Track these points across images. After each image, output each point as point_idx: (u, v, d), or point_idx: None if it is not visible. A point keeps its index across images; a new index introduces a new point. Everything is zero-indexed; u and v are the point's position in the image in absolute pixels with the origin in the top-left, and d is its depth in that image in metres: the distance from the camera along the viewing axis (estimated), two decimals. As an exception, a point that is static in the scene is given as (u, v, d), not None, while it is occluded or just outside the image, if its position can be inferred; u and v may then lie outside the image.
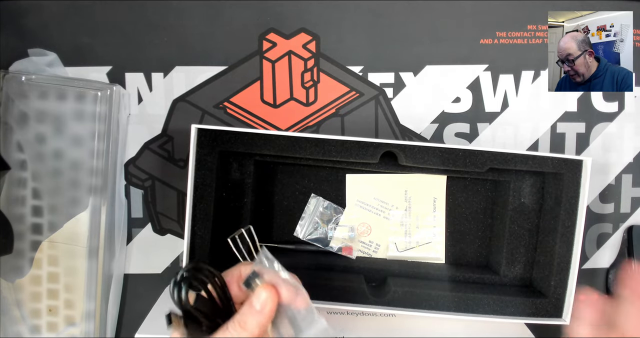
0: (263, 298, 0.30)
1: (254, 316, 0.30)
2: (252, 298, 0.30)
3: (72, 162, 0.46)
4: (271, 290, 0.30)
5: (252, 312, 0.30)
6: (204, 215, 0.43)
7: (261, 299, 0.30)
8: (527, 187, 0.48)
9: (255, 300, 0.30)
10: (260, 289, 0.30)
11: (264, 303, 0.30)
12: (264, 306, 0.30)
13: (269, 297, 0.30)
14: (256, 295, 0.30)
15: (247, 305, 0.30)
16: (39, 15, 0.49)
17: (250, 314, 0.30)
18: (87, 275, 0.46)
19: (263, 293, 0.30)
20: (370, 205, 0.50)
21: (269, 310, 0.30)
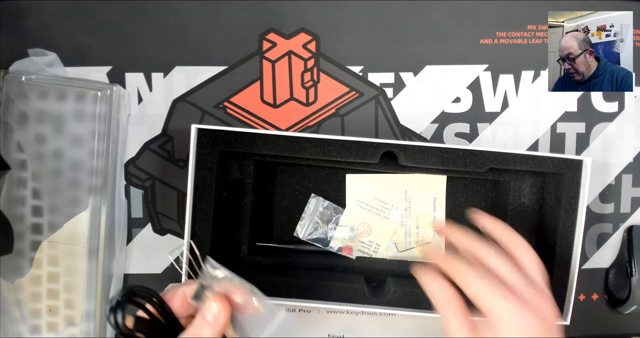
0: (215, 310, 0.30)
1: (207, 328, 0.30)
2: (203, 310, 0.30)
3: (72, 162, 0.46)
4: (222, 301, 0.30)
5: (206, 324, 0.30)
6: (204, 215, 0.43)
7: (213, 311, 0.30)
8: (527, 187, 0.48)
9: (207, 313, 0.30)
10: (211, 301, 0.31)
11: (217, 315, 0.30)
12: (217, 318, 0.30)
13: (221, 308, 0.30)
14: (207, 307, 0.30)
15: (200, 317, 0.30)
16: (39, 15, 0.49)
17: (204, 326, 0.30)
18: (87, 275, 0.46)
19: (214, 305, 0.30)
20: (370, 205, 0.50)
21: (222, 321, 0.30)
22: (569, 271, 0.44)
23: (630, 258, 0.50)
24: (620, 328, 0.53)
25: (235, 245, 0.47)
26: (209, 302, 0.31)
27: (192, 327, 0.30)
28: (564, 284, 0.44)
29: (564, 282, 0.44)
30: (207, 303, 0.31)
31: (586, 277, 0.52)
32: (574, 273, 0.44)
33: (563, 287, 0.44)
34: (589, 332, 0.53)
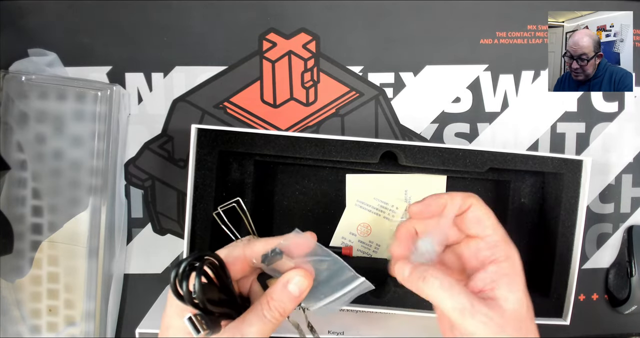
0: (301, 283, 0.29)
1: (292, 301, 0.29)
2: (286, 282, 0.29)
3: (72, 162, 0.46)
4: (306, 274, 0.29)
5: (291, 298, 0.29)
6: (204, 215, 0.43)
7: (299, 285, 0.29)
8: (527, 187, 0.48)
9: (293, 286, 0.29)
10: (295, 274, 0.29)
11: (302, 288, 0.29)
12: (302, 291, 0.29)
13: (305, 282, 0.29)
14: (292, 279, 0.29)
15: (281, 289, 0.29)
16: (39, 15, 0.49)
17: (289, 300, 0.29)
18: (87, 275, 0.46)
19: (297, 277, 0.29)
20: (370, 205, 0.50)
21: (305, 293, 0.29)
22: (569, 271, 0.44)
23: (630, 258, 0.50)
24: (620, 328, 0.53)
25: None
26: (293, 273, 0.29)
27: (274, 299, 0.29)
28: (564, 284, 0.44)
29: (564, 282, 0.44)
30: (290, 274, 0.29)
31: (586, 277, 0.52)
32: (574, 273, 0.44)
33: (563, 287, 0.44)
34: (589, 332, 0.53)
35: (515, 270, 0.31)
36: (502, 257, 0.30)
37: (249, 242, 0.32)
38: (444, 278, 0.29)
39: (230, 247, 0.32)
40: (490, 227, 0.31)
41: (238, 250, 0.31)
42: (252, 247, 0.31)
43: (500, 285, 0.30)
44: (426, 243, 0.32)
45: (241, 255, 0.31)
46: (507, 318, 0.29)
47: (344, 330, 0.43)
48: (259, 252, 0.30)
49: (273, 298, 0.29)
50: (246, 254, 0.31)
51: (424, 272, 0.30)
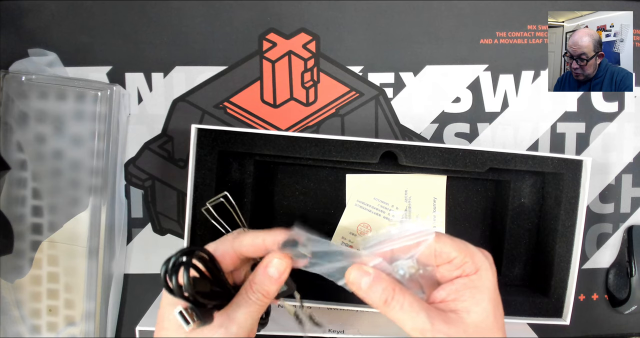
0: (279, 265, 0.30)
1: (272, 283, 0.30)
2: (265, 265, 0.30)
3: (72, 162, 0.46)
4: (283, 256, 0.30)
5: (271, 280, 0.30)
6: (204, 215, 0.43)
7: (277, 266, 0.30)
8: (527, 187, 0.48)
9: (271, 268, 0.30)
10: (272, 256, 0.30)
11: (280, 270, 0.30)
12: (281, 272, 0.30)
13: (283, 264, 0.30)
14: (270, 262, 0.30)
15: (262, 272, 0.30)
16: (39, 15, 0.49)
17: (270, 282, 0.30)
18: (87, 275, 0.46)
19: (275, 260, 0.30)
20: (370, 205, 0.50)
21: (284, 275, 0.30)
22: (569, 271, 0.44)
23: (630, 258, 0.50)
24: (620, 328, 0.53)
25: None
26: (272, 257, 0.30)
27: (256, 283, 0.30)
28: (564, 284, 0.44)
29: (564, 282, 0.44)
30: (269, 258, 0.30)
31: (586, 277, 0.52)
32: (574, 273, 0.44)
33: (563, 287, 0.44)
34: (589, 332, 0.53)
35: (483, 282, 0.30)
36: (472, 271, 0.30)
37: (238, 235, 0.33)
38: (405, 299, 0.29)
39: (219, 241, 0.33)
40: (453, 251, 0.30)
41: (226, 244, 0.32)
42: (241, 240, 0.32)
43: (464, 297, 0.29)
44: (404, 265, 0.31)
45: (229, 249, 0.32)
46: (469, 332, 0.28)
47: (344, 329, 0.43)
48: (248, 245, 0.32)
49: (255, 281, 0.30)
50: (234, 247, 0.32)
51: (385, 292, 0.29)
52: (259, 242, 0.32)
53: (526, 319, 0.44)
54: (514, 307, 0.44)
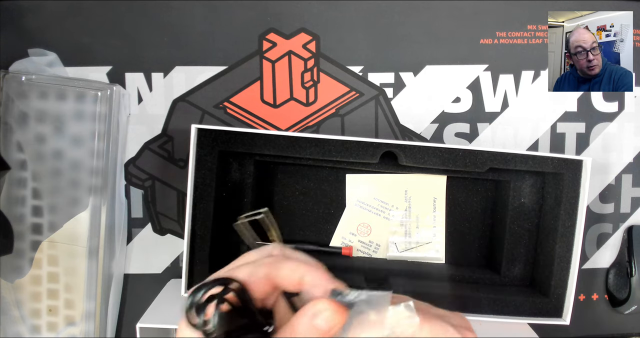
0: (329, 319, 0.24)
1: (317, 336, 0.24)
2: (312, 314, 0.24)
3: (72, 162, 0.46)
4: (337, 308, 0.24)
5: (316, 333, 0.24)
6: (204, 215, 0.43)
7: (327, 319, 0.24)
8: (527, 187, 0.48)
9: (320, 320, 0.24)
10: (324, 306, 0.24)
11: (330, 325, 0.24)
12: (330, 327, 0.24)
13: (335, 318, 0.24)
14: (320, 313, 0.24)
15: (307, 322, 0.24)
16: (39, 15, 0.49)
17: (315, 335, 0.24)
18: (87, 275, 0.46)
19: (326, 312, 0.24)
20: (370, 205, 0.50)
21: (334, 331, 0.24)
22: (569, 271, 0.44)
23: (630, 258, 0.50)
24: (620, 328, 0.53)
25: (235, 245, 0.47)
26: (322, 307, 0.24)
27: (299, 333, 0.24)
28: (564, 284, 0.44)
29: (564, 282, 0.44)
30: (319, 307, 0.24)
31: (586, 277, 0.52)
32: (574, 273, 0.44)
33: (563, 287, 0.44)
34: (589, 332, 0.53)
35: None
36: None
37: (275, 261, 0.28)
38: None
39: (253, 266, 0.28)
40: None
41: (262, 271, 0.27)
42: (278, 270, 0.27)
43: None
44: None
45: (263, 278, 0.27)
46: None
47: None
48: (285, 277, 0.27)
49: (296, 330, 0.25)
50: (270, 277, 0.27)
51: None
52: (296, 277, 0.26)
53: (526, 319, 0.44)
54: (514, 307, 0.44)
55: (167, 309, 0.45)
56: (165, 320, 0.43)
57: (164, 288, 0.49)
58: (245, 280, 0.26)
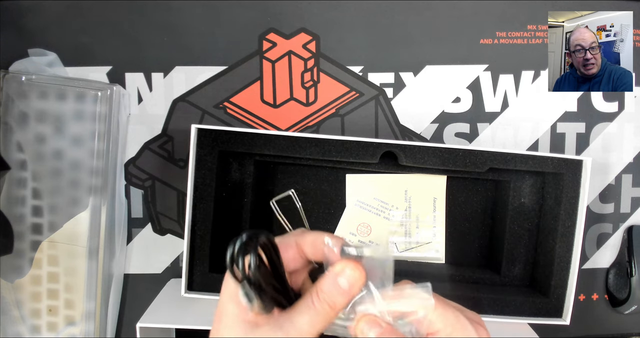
0: (351, 277, 0.26)
1: (342, 295, 0.27)
2: (335, 274, 0.27)
3: (72, 162, 0.46)
4: (357, 267, 0.27)
5: (340, 291, 0.27)
6: (204, 215, 0.43)
7: (349, 278, 0.26)
8: (527, 187, 0.48)
9: (342, 279, 0.27)
10: (345, 265, 0.26)
11: (352, 282, 0.27)
12: (352, 285, 0.27)
13: (356, 275, 0.26)
14: (342, 272, 0.27)
15: (331, 281, 0.27)
16: (39, 15, 0.49)
17: (339, 293, 0.27)
18: (87, 275, 0.46)
19: (348, 270, 0.27)
20: (370, 205, 0.50)
21: (356, 288, 0.27)
22: (569, 271, 0.44)
23: (630, 258, 0.50)
24: (620, 328, 0.53)
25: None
26: (344, 267, 0.26)
27: (323, 292, 0.27)
28: (564, 284, 0.44)
29: (564, 282, 0.44)
30: (341, 267, 0.27)
31: (586, 277, 0.52)
32: (574, 273, 0.44)
33: (563, 287, 0.44)
34: (589, 332, 0.53)
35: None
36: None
37: (302, 232, 0.30)
38: None
39: (283, 236, 0.30)
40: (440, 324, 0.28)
41: (290, 238, 0.30)
42: (304, 237, 0.29)
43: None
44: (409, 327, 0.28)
45: (293, 243, 0.29)
46: None
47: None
48: (309, 243, 0.29)
49: (322, 289, 0.27)
50: (298, 242, 0.29)
51: None
52: (320, 242, 0.29)
53: (526, 319, 0.44)
54: (514, 307, 0.44)
55: (167, 309, 0.45)
56: (165, 320, 0.43)
57: (164, 288, 0.49)
58: (276, 243, 0.28)
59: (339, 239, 0.28)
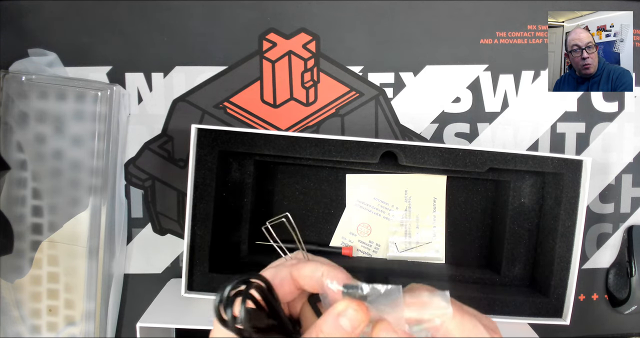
0: (354, 318, 0.25)
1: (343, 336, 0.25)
2: (337, 314, 0.25)
3: (72, 162, 0.46)
4: (360, 307, 0.25)
5: (342, 333, 0.25)
6: (204, 215, 0.43)
7: (352, 318, 0.25)
8: (527, 187, 0.48)
9: (344, 319, 0.25)
10: (347, 305, 0.25)
11: (355, 324, 0.25)
12: (355, 327, 0.25)
13: (359, 316, 0.25)
14: (344, 312, 0.25)
15: (332, 322, 0.25)
16: (39, 15, 0.49)
17: (340, 335, 0.25)
18: (87, 275, 0.46)
19: (350, 310, 0.25)
20: (370, 205, 0.50)
21: (359, 330, 0.25)
22: (569, 271, 0.44)
23: (630, 258, 0.50)
24: (621, 328, 0.53)
25: (235, 245, 0.47)
26: (346, 306, 0.25)
27: (325, 333, 0.25)
28: (564, 284, 0.44)
29: (564, 282, 0.44)
30: (342, 307, 0.25)
31: (586, 277, 0.52)
32: (574, 273, 0.44)
33: (563, 287, 0.44)
34: (589, 332, 0.53)
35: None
36: None
37: (297, 262, 0.29)
38: None
39: (277, 268, 0.29)
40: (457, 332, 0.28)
41: (285, 272, 0.28)
42: (300, 270, 0.28)
43: None
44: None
45: (288, 277, 0.28)
46: None
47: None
48: (307, 276, 0.28)
49: (322, 330, 0.25)
50: (293, 276, 0.28)
51: None
52: (319, 275, 0.28)
53: (526, 319, 0.44)
54: (514, 307, 0.44)
55: (167, 309, 0.45)
56: (165, 320, 0.43)
57: (163, 288, 0.49)
58: (269, 279, 0.26)
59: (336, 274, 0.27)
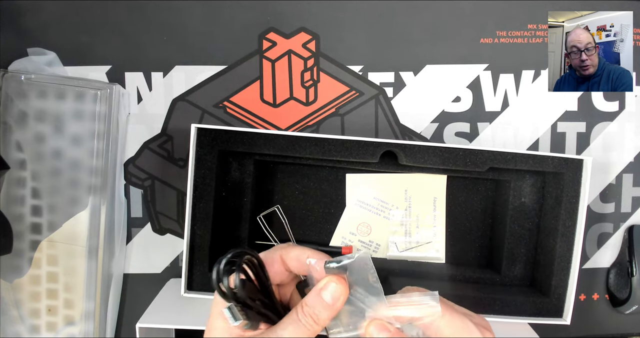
0: (334, 291, 0.28)
1: (325, 309, 0.28)
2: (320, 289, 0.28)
3: (71, 161, 0.46)
4: (340, 281, 0.28)
5: (324, 305, 0.28)
6: (203, 214, 0.43)
7: (332, 292, 0.28)
8: (527, 186, 0.48)
9: (326, 293, 0.28)
10: (329, 280, 0.28)
11: (335, 296, 0.28)
12: (335, 299, 0.28)
13: (339, 289, 0.28)
14: (326, 286, 0.28)
15: (315, 296, 0.28)
16: (39, 15, 0.49)
17: (323, 307, 0.28)
18: (87, 274, 0.46)
19: (331, 284, 0.28)
20: (370, 205, 0.50)
21: (339, 302, 0.28)
22: (569, 271, 0.44)
23: (631, 258, 0.50)
24: (621, 328, 0.53)
25: (235, 245, 0.47)
26: (328, 281, 0.28)
27: (308, 305, 0.28)
28: (564, 284, 0.44)
29: (564, 281, 0.44)
30: (325, 282, 0.28)
31: (587, 277, 0.52)
32: (575, 273, 0.44)
33: (563, 287, 0.44)
34: (590, 332, 0.53)
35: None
36: None
37: (286, 245, 0.31)
38: None
39: (268, 251, 0.32)
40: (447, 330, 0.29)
41: (276, 253, 0.31)
42: (288, 252, 0.31)
43: None
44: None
45: (278, 258, 0.31)
46: None
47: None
48: (294, 258, 0.30)
49: (307, 304, 0.28)
50: (282, 257, 0.31)
51: None
52: (304, 258, 0.30)
53: (526, 319, 0.44)
54: (514, 307, 0.44)
55: (167, 309, 0.45)
56: (165, 320, 0.43)
57: (163, 288, 0.49)
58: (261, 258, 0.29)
59: (321, 256, 0.30)
